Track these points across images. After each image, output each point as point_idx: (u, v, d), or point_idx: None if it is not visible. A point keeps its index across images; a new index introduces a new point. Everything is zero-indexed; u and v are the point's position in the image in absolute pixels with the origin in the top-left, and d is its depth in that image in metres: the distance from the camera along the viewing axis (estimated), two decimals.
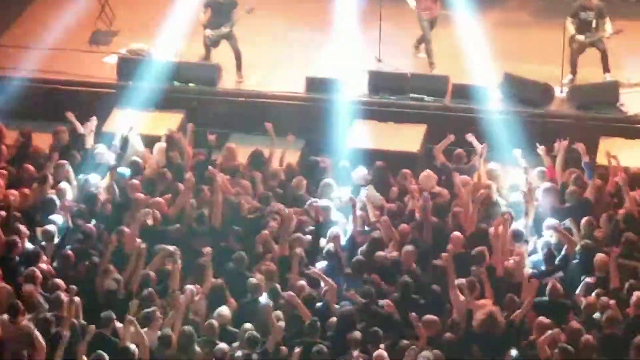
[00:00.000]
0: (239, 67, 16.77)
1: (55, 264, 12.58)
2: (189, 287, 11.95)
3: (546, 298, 11.84)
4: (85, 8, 17.69)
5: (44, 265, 12.31)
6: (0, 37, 17.56)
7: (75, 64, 17.07)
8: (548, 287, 11.82)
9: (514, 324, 11.45)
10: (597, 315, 11.51)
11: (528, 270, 12.41)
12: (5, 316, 11.37)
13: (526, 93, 16.32)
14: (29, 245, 12.74)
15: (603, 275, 12.09)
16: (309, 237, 13.05)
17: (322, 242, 13.10)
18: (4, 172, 14.11)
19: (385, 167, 14.57)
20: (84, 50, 17.38)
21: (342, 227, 13.36)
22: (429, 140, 15.44)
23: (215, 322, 11.53)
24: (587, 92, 16.33)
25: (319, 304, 11.94)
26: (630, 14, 17.68)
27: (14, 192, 13.68)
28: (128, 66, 16.82)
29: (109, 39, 17.56)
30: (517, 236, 12.94)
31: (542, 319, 11.20)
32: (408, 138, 15.75)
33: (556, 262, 12.70)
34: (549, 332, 11.05)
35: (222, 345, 11.08)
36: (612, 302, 11.36)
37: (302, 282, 12.18)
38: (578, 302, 11.89)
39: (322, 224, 13.24)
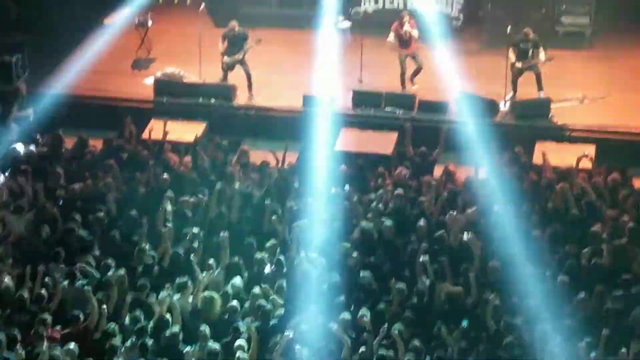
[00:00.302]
0: (249, 87, 16.75)
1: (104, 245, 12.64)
2: (210, 261, 12.04)
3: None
4: (129, 40, 17.73)
5: (97, 252, 12.41)
6: (64, 62, 17.36)
7: (121, 84, 17.05)
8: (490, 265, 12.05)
9: (468, 300, 11.61)
10: None
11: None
12: (66, 282, 11.58)
13: (477, 107, 16.22)
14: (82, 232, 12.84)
15: None
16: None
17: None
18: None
19: (365, 165, 14.73)
20: (129, 74, 17.39)
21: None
22: (400, 144, 15.36)
23: (230, 290, 11.62)
24: (525, 106, 16.36)
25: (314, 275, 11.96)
26: (560, 44, 17.68)
27: (74, 186, 13.78)
28: (163, 86, 16.82)
29: (148, 65, 17.51)
30: (473, 223, 13.04)
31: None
32: (383, 143, 15.70)
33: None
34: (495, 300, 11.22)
35: (234, 303, 11.24)
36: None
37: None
38: None
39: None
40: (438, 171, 14.62)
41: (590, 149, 15.01)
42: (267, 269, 12.19)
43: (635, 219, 13.09)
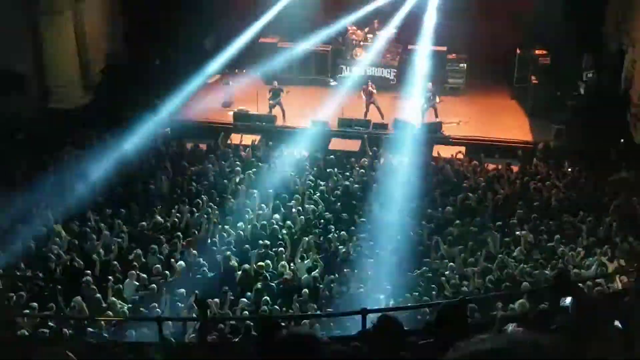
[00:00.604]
0: (284, 116, 16.46)
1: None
2: (263, 205, 12.17)
3: None
4: (221, 92, 17.47)
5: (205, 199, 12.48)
6: (186, 102, 16.97)
7: (216, 115, 16.75)
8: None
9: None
10: None
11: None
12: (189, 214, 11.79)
13: (403, 127, 15.89)
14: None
15: None
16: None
17: None
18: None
19: (343, 157, 14.62)
20: (220, 109, 17.02)
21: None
22: (362, 146, 15.07)
23: (273, 221, 11.71)
24: (429, 126, 16.02)
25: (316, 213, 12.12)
26: (447, 93, 17.18)
27: (191, 168, 13.79)
28: (238, 116, 16.55)
29: (230, 104, 17.09)
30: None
31: None
32: (354, 145, 15.45)
33: None
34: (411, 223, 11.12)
35: (276, 226, 11.48)
36: None
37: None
38: None
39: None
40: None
41: (462, 149, 14.99)
42: (294, 210, 12.14)
43: (486, 180, 13.31)
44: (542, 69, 16.81)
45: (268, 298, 9.64)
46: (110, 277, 10.22)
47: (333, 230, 11.54)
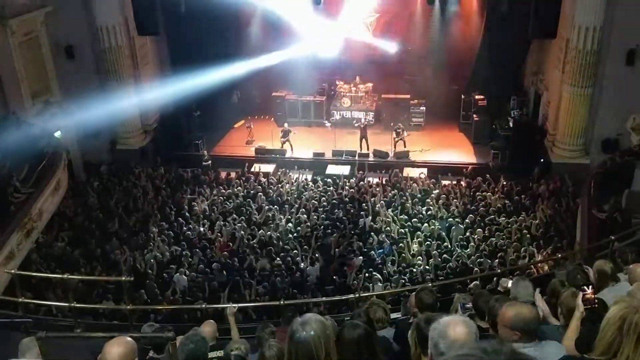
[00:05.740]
0: (292, 150, 16.26)
1: None
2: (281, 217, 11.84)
3: None
4: (244, 133, 17.18)
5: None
6: (220, 141, 16.87)
7: (243, 150, 16.48)
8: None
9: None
10: None
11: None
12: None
13: (380, 154, 15.62)
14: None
15: None
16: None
17: None
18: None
19: (336, 177, 14.44)
20: (246, 146, 16.75)
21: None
22: (351, 170, 15.04)
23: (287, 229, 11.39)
24: (399, 154, 15.76)
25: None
26: (412, 129, 16.93)
27: (225, 191, 13.65)
28: (258, 151, 16.29)
29: (252, 142, 16.86)
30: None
31: None
32: (344, 169, 15.30)
33: None
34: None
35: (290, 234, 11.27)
36: None
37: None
38: None
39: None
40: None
41: (424, 170, 14.83)
42: (302, 218, 12.06)
43: (444, 194, 13.13)
44: (480, 109, 16.89)
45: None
46: (165, 274, 10.13)
47: (330, 233, 11.46)
